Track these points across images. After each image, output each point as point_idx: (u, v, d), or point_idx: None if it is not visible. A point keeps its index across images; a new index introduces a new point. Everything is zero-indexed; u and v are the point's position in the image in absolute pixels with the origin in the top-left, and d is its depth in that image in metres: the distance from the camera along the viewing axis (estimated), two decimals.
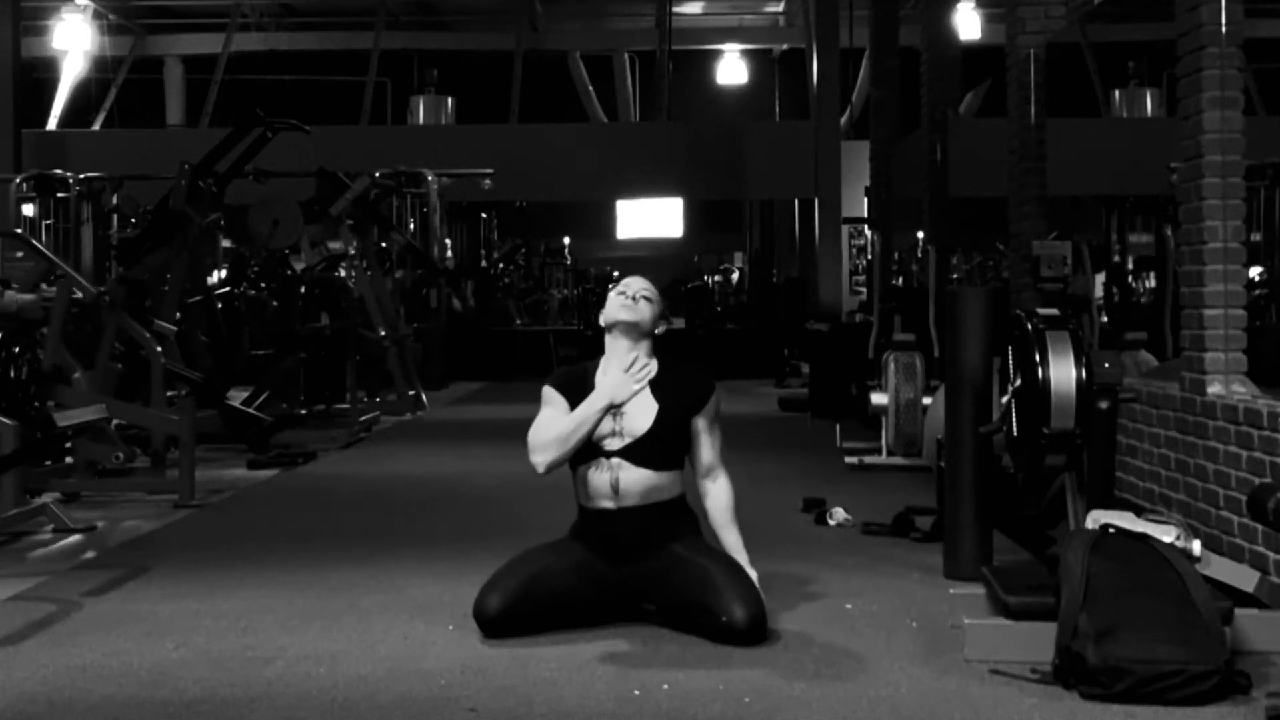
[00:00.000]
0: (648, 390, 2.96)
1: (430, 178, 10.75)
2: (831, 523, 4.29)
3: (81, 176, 10.42)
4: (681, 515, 3.02)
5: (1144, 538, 2.70)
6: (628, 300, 3.00)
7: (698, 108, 15.65)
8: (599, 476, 2.95)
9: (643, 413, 2.95)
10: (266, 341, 7.47)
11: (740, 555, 2.98)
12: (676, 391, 2.99)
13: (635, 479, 2.93)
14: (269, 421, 6.38)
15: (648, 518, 2.94)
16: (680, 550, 2.93)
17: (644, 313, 3.01)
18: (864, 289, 11.86)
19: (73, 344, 5.21)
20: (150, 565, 3.74)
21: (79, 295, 5.31)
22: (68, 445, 5.08)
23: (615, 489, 2.93)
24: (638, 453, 2.93)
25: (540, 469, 2.94)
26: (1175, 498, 3.67)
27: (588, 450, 2.96)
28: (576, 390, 2.99)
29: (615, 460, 2.94)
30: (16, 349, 4.45)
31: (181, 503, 4.79)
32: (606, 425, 2.94)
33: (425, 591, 3.36)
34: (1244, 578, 2.97)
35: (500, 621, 2.87)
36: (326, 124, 10.97)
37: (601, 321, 3.05)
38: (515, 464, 5.72)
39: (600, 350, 3.05)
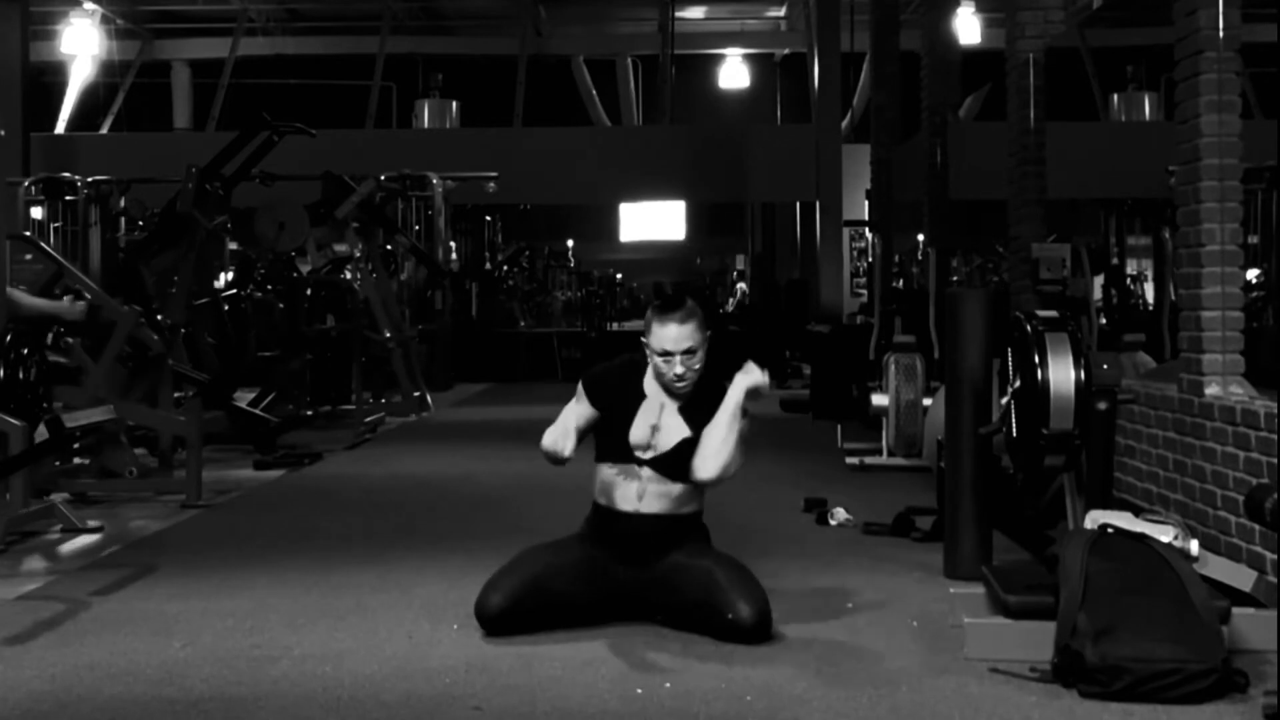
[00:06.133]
0: (676, 411, 2.94)
1: (435, 181, 10.79)
2: (833, 523, 4.31)
3: (89, 180, 10.47)
4: (695, 529, 3.03)
5: (1142, 537, 2.72)
6: (679, 375, 2.91)
7: (700, 111, 15.68)
8: (627, 484, 2.96)
9: (676, 430, 2.95)
10: (273, 343, 7.50)
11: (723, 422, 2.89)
12: (708, 409, 2.94)
13: (661, 491, 2.96)
14: (275, 422, 6.41)
15: (663, 526, 2.96)
16: (684, 557, 2.94)
17: (692, 372, 2.92)
18: (865, 291, 11.88)
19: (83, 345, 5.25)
20: (158, 565, 3.77)
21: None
22: (77, 447, 5.12)
23: (640, 497, 2.95)
24: (667, 466, 2.94)
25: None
26: (1173, 498, 3.69)
27: (620, 453, 2.97)
28: (614, 398, 2.97)
29: (646, 472, 2.95)
30: (25, 349, 4.47)
31: (189, 503, 4.81)
32: (642, 436, 2.95)
33: (430, 591, 3.38)
34: (1241, 577, 2.99)
35: (501, 620, 2.89)
36: (332, 128, 11.00)
37: (651, 367, 2.95)
38: (520, 464, 5.78)
39: (607, 352, 3.06)
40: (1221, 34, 3.52)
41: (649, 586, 2.94)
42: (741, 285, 17.86)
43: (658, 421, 2.96)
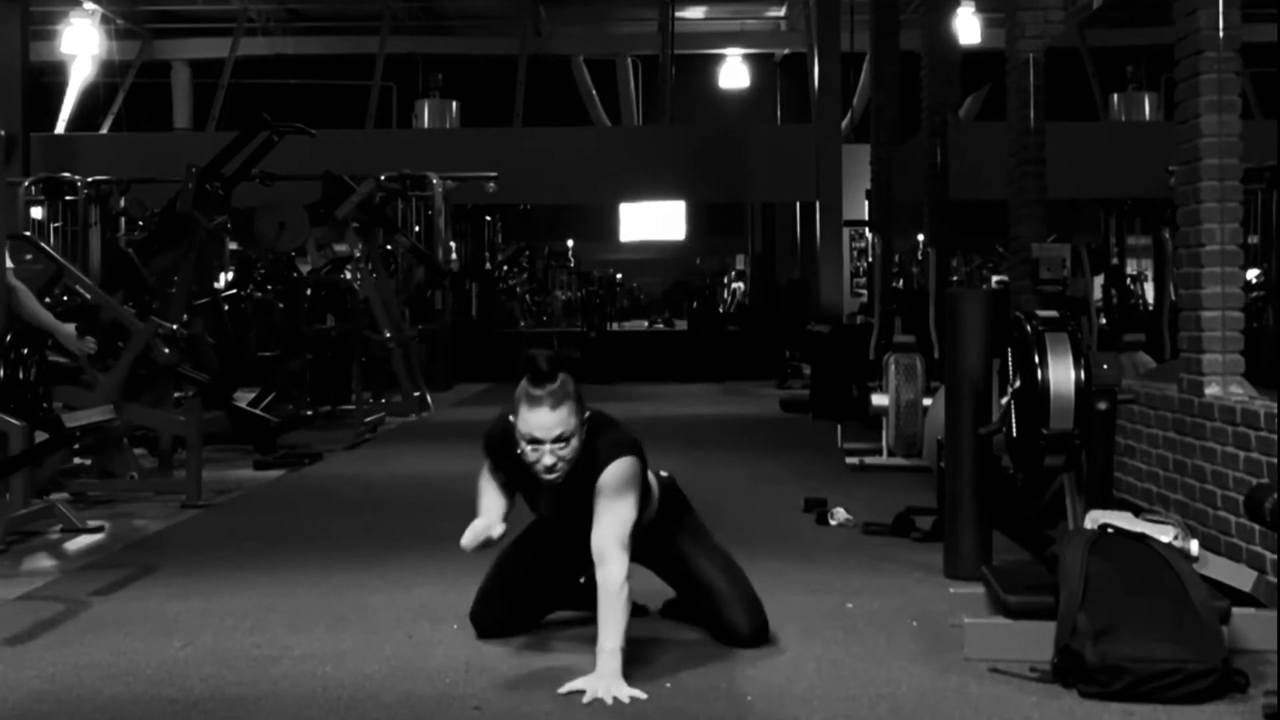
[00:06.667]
0: (553, 490, 2.68)
1: (435, 181, 10.79)
2: (833, 523, 4.32)
3: (89, 180, 10.47)
4: (666, 515, 2.84)
5: (1142, 537, 2.72)
6: (549, 466, 2.57)
7: (700, 111, 15.69)
8: (571, 548, 2.77)
9: (558, 508, 2.74)
10: (273, 343, 7.51)
11: (607, 659, 2.49)
12: (581, 479, 2.61)
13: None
14: (275, 422, 6.41)
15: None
16: (674, 544, 2.84)
17: (564, 463, 2.59)
18: (865, 291, 11.89)
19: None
20: (157, 565, 3.78)
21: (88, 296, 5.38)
22: (75, 448, 5.12)
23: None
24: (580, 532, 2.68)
25: None
26: (1173, 498, 3.69)
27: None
28: (513, 467, 2.72)
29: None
30: (25, 349, 4.48)
31: (189, 503, 4.82)
32: (553, 511, 2.76)
33: (430, 591, 3.38)
34: (1241, 577, 2.99)
35: (498, 630, 2.89)
36: (332, 128, 11.01)
37: (520, 452, 2.60)
38: None
39: (608, 352, 2.89)
40: (1221, 34, 3.52)
41: (640, 557, 2.79)
42: (738, 285, 17.86)
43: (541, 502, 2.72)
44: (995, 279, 11.58)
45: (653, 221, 16.40)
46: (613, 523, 2.58)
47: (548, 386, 2.57)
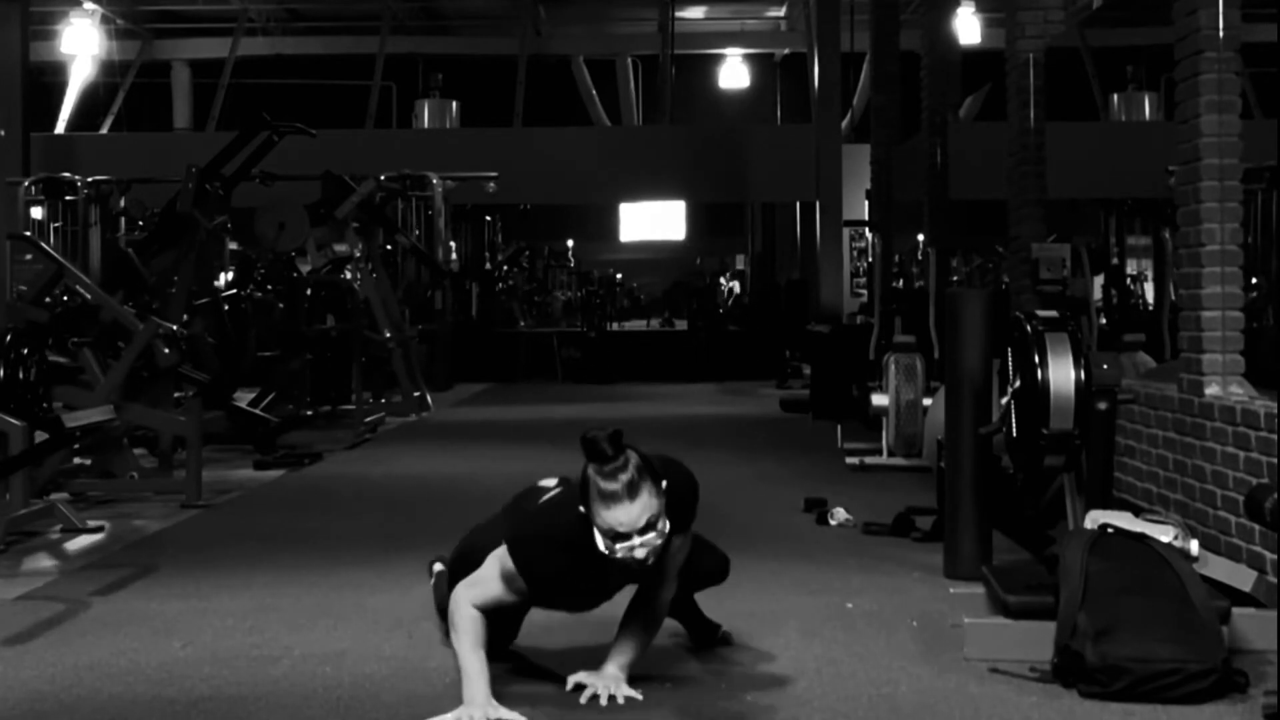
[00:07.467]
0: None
1: (435, 181, 10.79)
2: (833, 523, 4.32)
3: (89, 179, 10.48)
4: None
5: (1142, 537, 2.72)
6: (641, 560, 2.27)
7: (700, 111, 15.69)
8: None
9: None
10: (273, 343, 7.52)
11: (617, 661, 2.48)
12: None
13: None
14: (275, 422, 6.42)
15: None
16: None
17: (656, 550, 2.29)
18: (865, 291, 11.89)
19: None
20: (157, 565, 3.78)
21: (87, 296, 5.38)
22: (75, 448, 5.12)
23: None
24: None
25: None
26: (1173, 498, 3.69)
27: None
28: (551, 585, 2.40)
29: None
30: (25, 349, 4.48)
31: (189, 503, 4.82)
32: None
33: (430, 591, 3.38)
34: (1241, 577, 3.00)
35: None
36: (332, 128, 11.00)
37: (602, 548, 2.27)
38: (519, 464, 5.79)
39: (608, 352, 2.77)
40: (1221, 34, 3.53)
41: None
42: (734, 284, 17.84)
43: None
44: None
45: (653, 221, 16.39)
46: (683, 551, 2.49)
47: (614, 466, 2.25)
